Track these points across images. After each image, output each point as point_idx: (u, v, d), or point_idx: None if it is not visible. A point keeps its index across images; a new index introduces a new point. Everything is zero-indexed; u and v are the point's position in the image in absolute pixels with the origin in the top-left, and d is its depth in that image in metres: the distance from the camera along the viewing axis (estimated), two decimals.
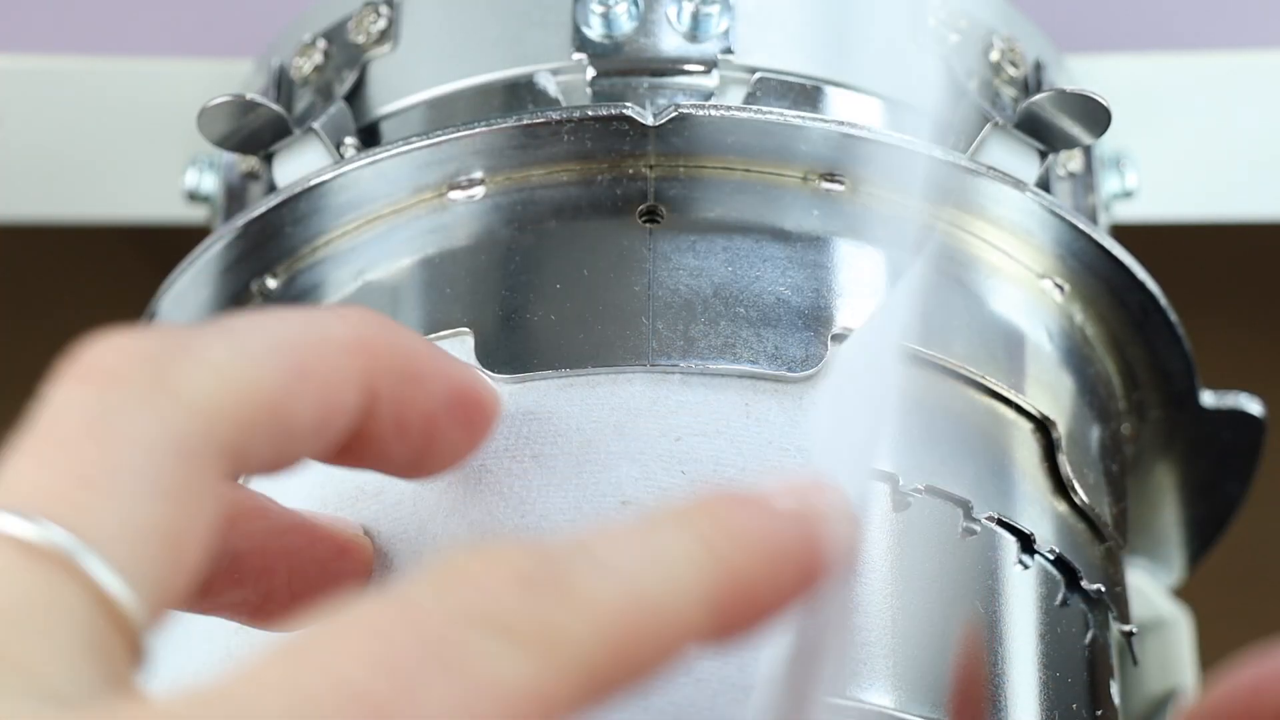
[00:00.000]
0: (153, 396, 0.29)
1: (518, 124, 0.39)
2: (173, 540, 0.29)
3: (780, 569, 0.30)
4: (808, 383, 0.37)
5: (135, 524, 0.28)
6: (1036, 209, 0.40)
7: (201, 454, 0.29)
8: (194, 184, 0.48)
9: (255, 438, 0.30)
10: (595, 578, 0.28)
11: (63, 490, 0.28)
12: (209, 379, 0.30)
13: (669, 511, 0.30)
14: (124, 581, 0.28)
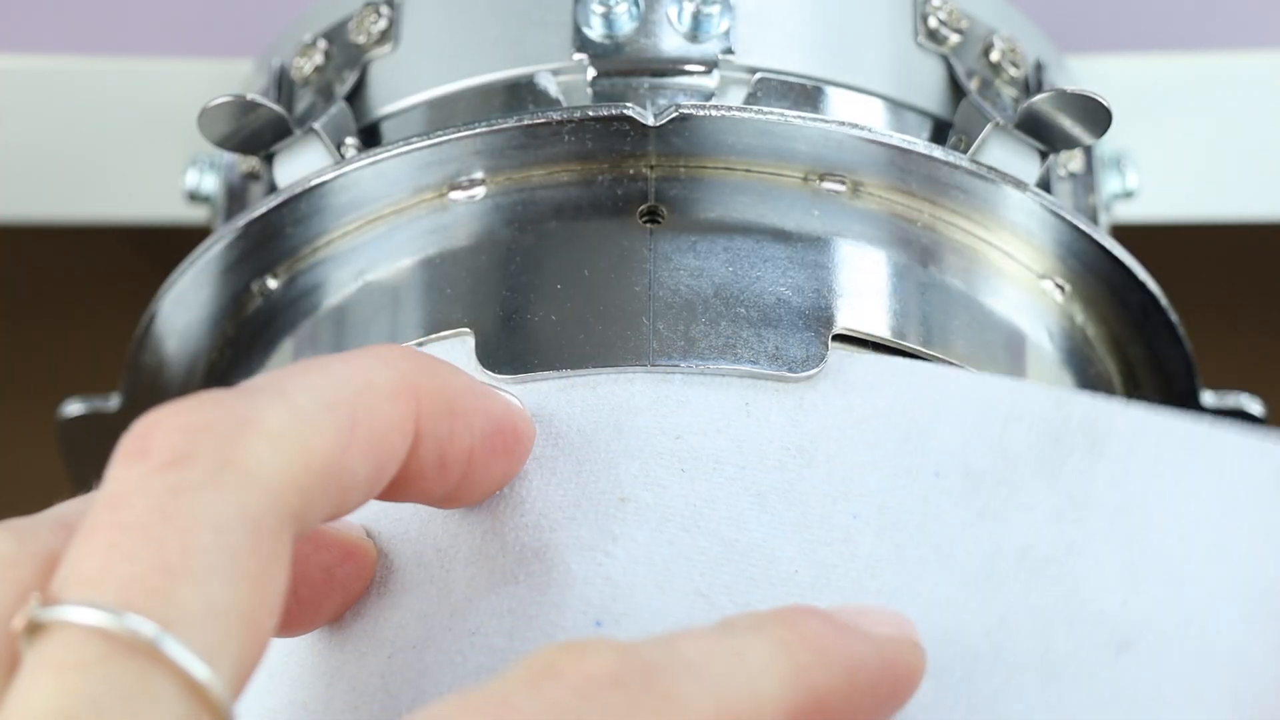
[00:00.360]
0: (219, 475, 0.29)
1: (518, 124, 0.39)
2: (252, 617, 0.29)
3: (858, 688, 0.31)
4: (808, 383, 0.37)
5: (218, 607, 0.29)
6: (1037, 209, 0.40)
7: (273, 527, 0.30)
8: (194, 184, 0.48)
9: (315, 499, 0.31)
10: (686, 683, 0.29)
11: (144, 579, 0.28)
12: (271, 451, 0.30)
13: (749, 616, 0.31)
14: (209, 666, 0.28)
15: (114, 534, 0.29)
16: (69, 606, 0.28)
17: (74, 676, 0.28)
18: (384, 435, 0.32)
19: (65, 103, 0.53)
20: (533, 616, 0.34)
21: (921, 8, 0.43)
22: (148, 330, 0.43)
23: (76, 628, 0.28)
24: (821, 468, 0.36)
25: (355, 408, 0.31)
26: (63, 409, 0.47)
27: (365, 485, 0.32)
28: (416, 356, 0.33)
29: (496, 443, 0.35)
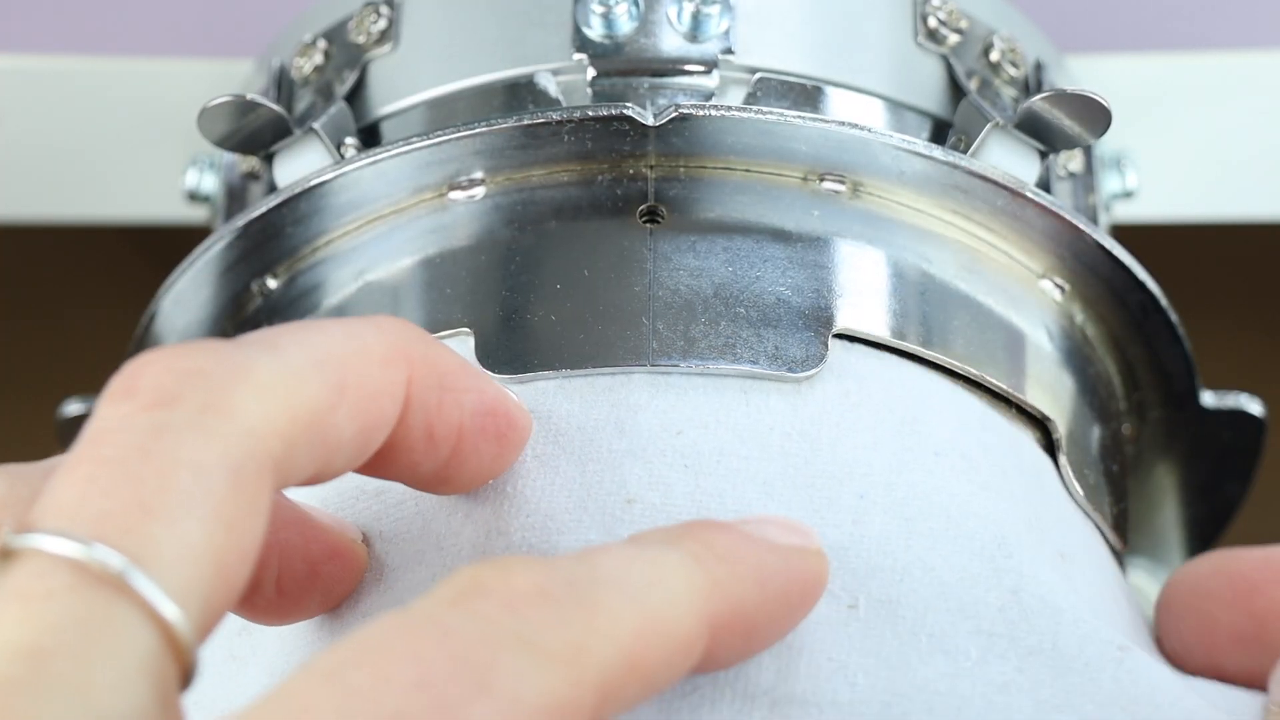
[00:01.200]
0: (204, 418, 0.30)
1: (518, 124, 0.39)
2: (224, 561, 0.29)
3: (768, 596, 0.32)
4: (808, 383, 0.37)
5: (189, 547, 0.29)
6: (1036, 209, 0.40)
7: (253, 475, 0.30)
8: (194, 184, 0.48)
9: (299, 453, 0.31)
10: (610, 594, 0.29)
11: (118, 514, 0.28)
12: (257, 398, 0.30)
13: (659, 532, 0.32)
14: (177, 604, 0.28)
15: (93, 468, 0.29)
16: (41, 535, 0.28)
17: (40, 605, 0.28)
18: (374, 398, 0.32)
19: (65, 103, 0.53)
20: None
21: (921, 8, 0.43)
22: (148, 330, 0.43)
23: (47, 556, 0.28)
24: (825, 451, 0.36)
25: (346, 367, 0.32)
26: (62, 408, 0.47)
27: (351, 447, 0.32)
28: (412, 328, 0.33)
29: (488, 424, 0.35)
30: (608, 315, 0.37)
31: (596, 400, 0.37)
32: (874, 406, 0.37)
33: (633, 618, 0.30)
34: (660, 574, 0.30)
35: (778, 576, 0.33)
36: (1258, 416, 0.45)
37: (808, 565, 0.33)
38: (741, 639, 0.32)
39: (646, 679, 0.30)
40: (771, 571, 0.32)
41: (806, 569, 0.33)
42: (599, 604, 0.29)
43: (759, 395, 0.37)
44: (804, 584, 0.33)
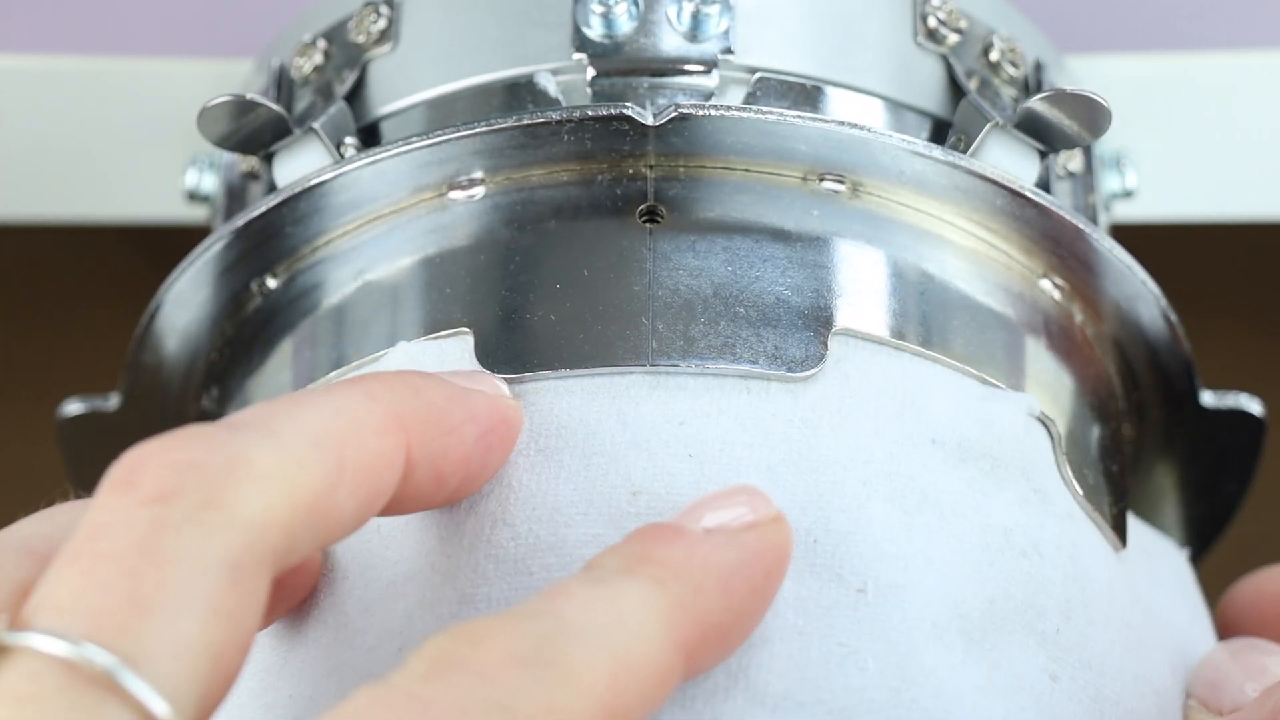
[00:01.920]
0: (203, 514, 0.30)
1: (518, 124, 0.39)
2: (220, 654, 0.29)
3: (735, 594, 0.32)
4: (807, 383, 0.37)
5: (184, 645, 0.29)
6: (1036, 209, 0.40)
7: (252, 567, 0.30)
8: (194, 184, 0.48)
9: (301, 538, 0.31)
10: (578, 647, 0.29)
11: (113, 612, 0.28)
12: (258, 491, 0.30)
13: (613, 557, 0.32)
14: (169, 702, 0.28)
15: (91, 563, 0.29)
16: (34, 634, 0.28)
17: (30, 705, 0.28)
18: (372, 470, 0.32)
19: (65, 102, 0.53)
20: None
21: (921, 7, 0.43)
22: (147, 329, 0.43)
23: (38, 655, 0.28)
24: (827, 436, 0.36)
25: (344, 444, 0.32)
26: (62, 408, 0.47)
27: (353, 518, 0.32)
28: (401, 382, 0.33)
29: (490, 441, 0.35)
30: (607, 315, 0.37)
31: (597, 395, 0.37)
32: (874, 392, 0.37)
33: (605, 666, 0.30)
34: (623, 611, 0.31)
35: (741, 572, 0.32)
36: (1258, 416, 0.45)
37: (768, 543, 0.33)
38: (717, 645, 0.32)
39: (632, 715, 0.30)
40: (733, 570, 0.32)
41: (768, 548, 0.33)
42: (570, 660, 0.29)
43: (760, 387, 0.37)
44: (768, 564, 0.33)
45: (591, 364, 0.37)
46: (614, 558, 0.32)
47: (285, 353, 0.41)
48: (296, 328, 0.41)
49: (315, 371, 0.40)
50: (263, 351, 0.42)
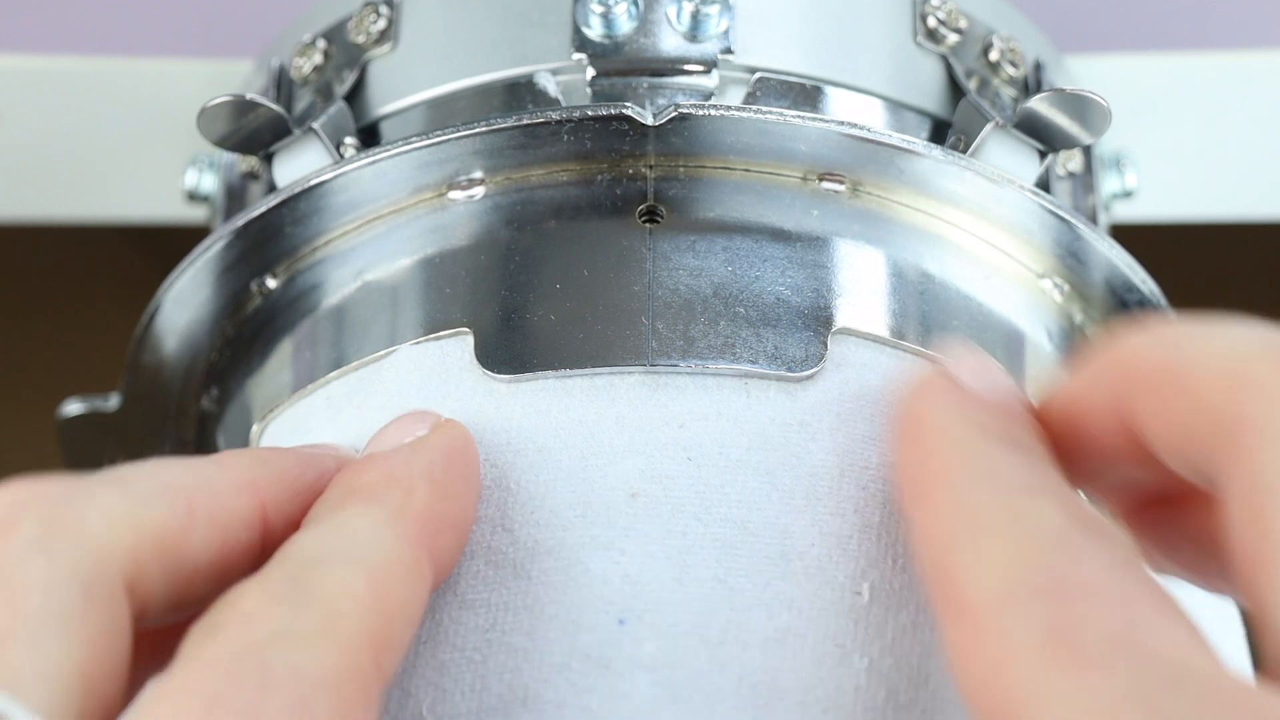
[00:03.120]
0: (46, 539, 0.30)
1: (517, 124, 0.39)
2: (91, 678, 0.29)
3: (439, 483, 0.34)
4: (807, 383, 0.37)
5: (53, 667, 0.29)
6: (1036, 209, 0.40)
7: (104, 592, 0.30)
8: (194, 184, 0.48)
9: (151, 574, 0.31)
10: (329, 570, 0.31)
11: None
12: (99, 518, 0.31)
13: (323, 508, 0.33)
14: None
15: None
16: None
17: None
18: (226, 525, 0.33)
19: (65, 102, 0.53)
20: (553, 616, 0.35)
21: (920, 7, 0.43)
22: (147, 330, 0.43)
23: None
24: (825, 440, 0.37)
25: (192, 496, 0.32)
26: (62, 408, 0.47)
27: (212, 571, 0.32)
28: (250, 454, 0.34)
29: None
30: (607, 315, 0.37)
31: (596, 396, 0.37)
32: (872, 397, 0.37)
33: (356, 576, 0.31)
34: (353, 531, 0.32)
35: (439, 466, 0.34)
36: None
37: (451, 437, 0.35)
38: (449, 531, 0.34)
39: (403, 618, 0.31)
40: (431, 466, 0.34)
41: (453, 441, 0.35)
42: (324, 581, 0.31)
43: (759, 387, 0.37)
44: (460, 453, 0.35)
45: (591, 364, 0.37)
46: (322, 505, 0.33)
47: (285, 353, 0.41)
48: (296, 328, 0.41)
49: (315, 372, 0.40)
50: (262, 351, 0.42)
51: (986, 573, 0.29)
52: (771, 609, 0.35)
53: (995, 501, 0.31)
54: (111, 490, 0.31)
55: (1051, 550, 0.29)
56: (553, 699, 0.34)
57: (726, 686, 0.34)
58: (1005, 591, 0.29)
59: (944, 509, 0.31)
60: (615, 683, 0.34)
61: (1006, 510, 0.30)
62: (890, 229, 0.40)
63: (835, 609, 0.35)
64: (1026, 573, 0.29)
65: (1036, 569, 0.29)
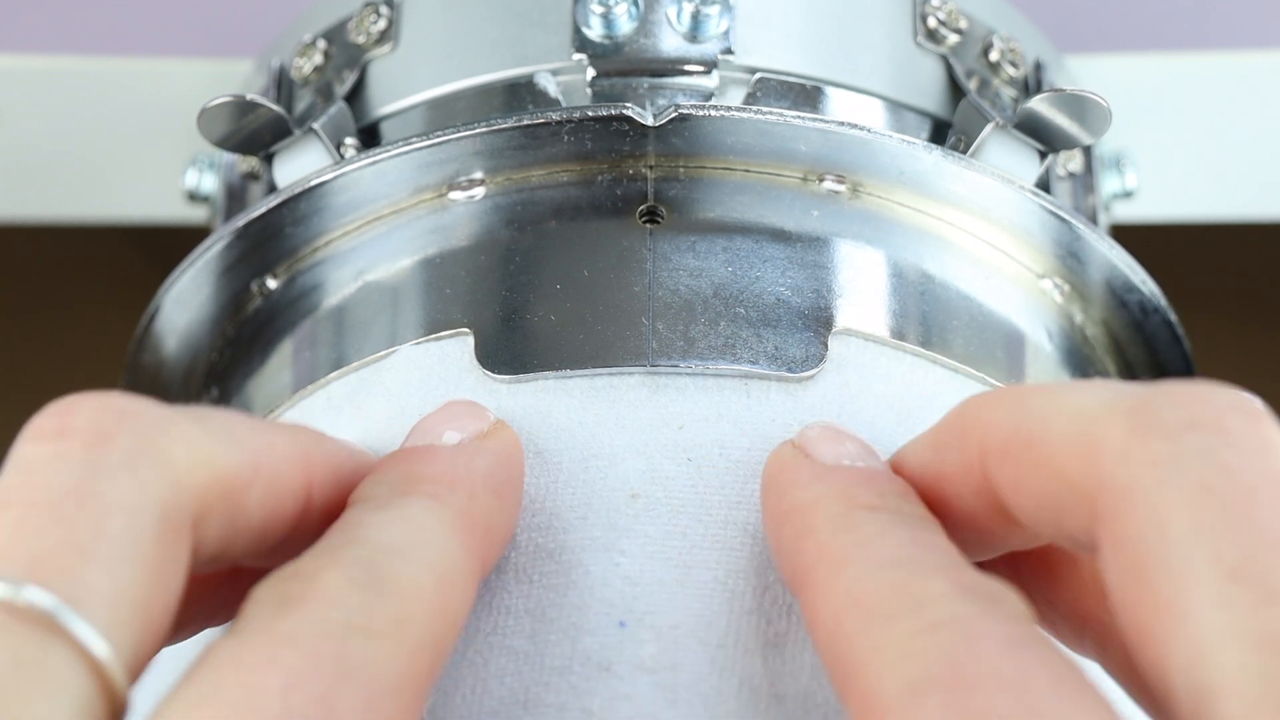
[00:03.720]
0: (135, 462, 0.30)
1: (518, 124, 0.39)
2: (150, 607, 0.29)
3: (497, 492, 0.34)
4: (807, 384, 0.37)
5: (121, 591, 0.29)
6: (1036, 210, 0.40)
7: (174, 523, 0.30)
8: (194, 184, 0.48)
9: (211, 517, 0.31)
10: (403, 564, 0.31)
11: (52, 556, 0.29)
12: (183, 451, 0.31)
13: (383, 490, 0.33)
14: (110, 645, 0.28)
15: (24, 510, 0.29)
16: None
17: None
18: (280, 493, 0.33)
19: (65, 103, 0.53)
20: (554, 619, 0.35)
21: (920, 7, 0.43)
22: (147, 330, 0.43)
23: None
24: None
25: (257, 454, 0.32)
26: None
27: (255, 534, 0.32)
28: (313, 433, 0.34)
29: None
30: (607, 315, 0.37)
31: (596, 397, 0.37)
32: (873, 399, 0.37)
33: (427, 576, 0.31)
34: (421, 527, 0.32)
35: (496, 474, 0.34)
36: None
37: (506, 444, 0.35)
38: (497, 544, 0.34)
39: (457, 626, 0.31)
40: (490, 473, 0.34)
41: (507, 449, 0.35)
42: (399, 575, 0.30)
43: (759, 388, 0.37)
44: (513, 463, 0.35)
45: (591, 364, 0.37)
46: (381, 485, 0.33)
47: (285, 353, 0.41)
48: (297, 328, 0.41)
49: (315, 372, 0.40)
50: (263, 352, 0.42)
51: (885, 666, 0.28)
52: (770, 614, 0.35)
53: (882, 585, 0.30)
54: (195, 425, 0.31)
55: (946, 636, 0.28)
56: (553, 702, 0.34)
57: (728, 690, 0.34)
58: (905, 687, 0.28)
59: (831, 596, 0.30)
60: (616, 685, 0.34)
61: (895, 594, 0.29)
62: (890, 229, 0.40)
63: None
64: (924, 665, 0.28)
65: (933, 660, 0.28)
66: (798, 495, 0.33)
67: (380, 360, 0.39)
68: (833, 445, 0.34)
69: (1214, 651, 0.27)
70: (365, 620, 0.29)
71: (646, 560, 0.35)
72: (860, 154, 0.39)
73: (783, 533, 0.33)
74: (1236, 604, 0.27)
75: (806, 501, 0.33)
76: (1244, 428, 0.29)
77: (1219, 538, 0.27)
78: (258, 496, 0.32)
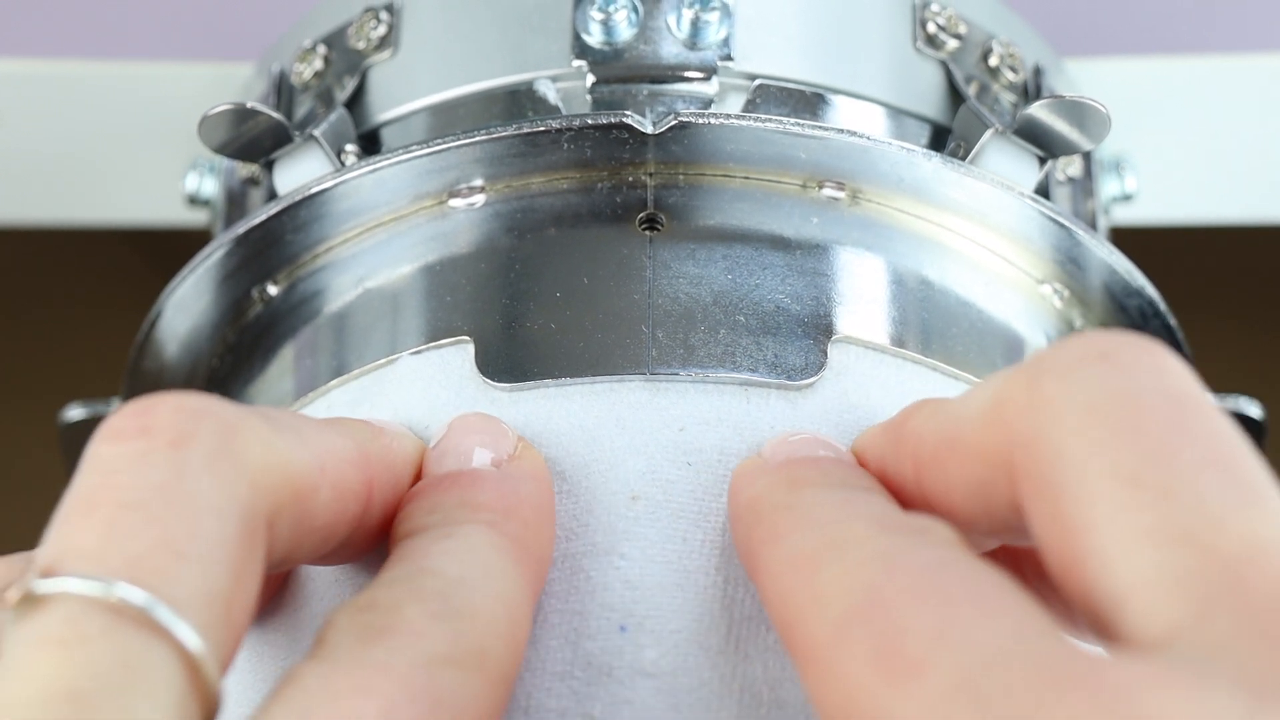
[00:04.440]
0: (219, 461, 0.30)
1: (518, 132, 0.39)
2: (233, 606, 0.30)
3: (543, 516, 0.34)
4: (807, 391, 0.37)
5: (210, 590, 0.29)
6: (1035, 216, 0.40)
7: (253, 523, 0.30)
8: (194, 188, 0.48)
9: (283, 519, 0.32)
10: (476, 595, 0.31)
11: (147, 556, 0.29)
12: (259, 452, 0.31)
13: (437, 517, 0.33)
14: (206, 643, 0.28)
15: (116, 511, 0.29)
16: (69, 579, 0.28)
17: (77, 649, 0.28)
18: (345, 493, 0.33)
19: (66, 106, 0.53)
20: (555, 624, 0.35)
21: (920, 13, 0.43)
22: (148, 336, 0.43)
23: (75, 600, 0.28)
24: None
25: (324, 454, 0.32)
26: (64, 413, 0.47)
27: (322, 531, 0.33)
28: (372, 431, 0.35)
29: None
30: (607, 323, 0.37)
31: (596, 401, 0.37)
32: (872, 407, 0.37)
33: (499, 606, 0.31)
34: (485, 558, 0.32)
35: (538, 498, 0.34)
36: (1257, 419, 0.45)
37: (540, 467, 0.35)
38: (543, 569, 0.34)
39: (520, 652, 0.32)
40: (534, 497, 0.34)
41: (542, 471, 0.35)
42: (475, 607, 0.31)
43: (759, 395, 0.37)
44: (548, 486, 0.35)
45: (591, 372, 0.37)
46: (434, 513, 0.33)
47: (286, 360, 0.41)
48: (297, 335, 0.41)
49: (316, 379, 0.40)
50: (263, 359, 0.42)
51: (818, 612, 0.29)
52: (770, 621, 0.35)
53: (813, 543, 0.31)
54: (268, 428, 0.31)
55: (867, 571, 0.29)
56: (555, 707, 0.34)
57: (729, 695, 0.34)
58: (834, 625, 0.29)
59: (773, 568, 0.31)
60: (617, 690, 0.34)
61: (824, 548, 0.30)
62: (890, 236, 0.40)
63: None
64: (848, 599, 0.29)
65: (855, 592, 0.29)
66: (749, 491, 0.34)
67: (381, 368, 0.39)
68: (783, 445, 0.35)
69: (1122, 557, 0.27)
70: (451, 651, 0.30)
71: (646, 564, 0.35)
72: (860, 161, 0.39)
73: (738, 530, 0.34)
74: (1134, 507, 0.27)
75: (757, 493, 0.33)
76: (1134, 356, 0.29)
77: (1112, 450, 0.28)
78: (324, 498, 0.32)
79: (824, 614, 0.29)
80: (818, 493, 0.32)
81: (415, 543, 0.32)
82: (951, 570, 0.28)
